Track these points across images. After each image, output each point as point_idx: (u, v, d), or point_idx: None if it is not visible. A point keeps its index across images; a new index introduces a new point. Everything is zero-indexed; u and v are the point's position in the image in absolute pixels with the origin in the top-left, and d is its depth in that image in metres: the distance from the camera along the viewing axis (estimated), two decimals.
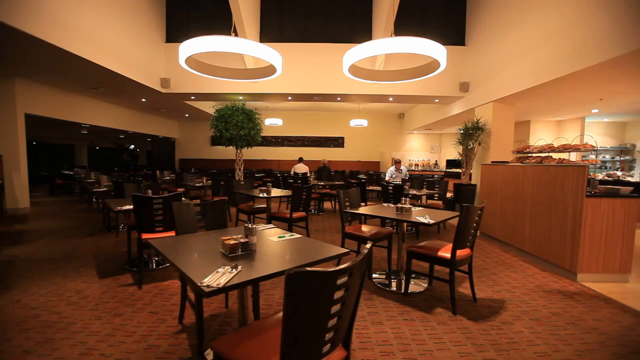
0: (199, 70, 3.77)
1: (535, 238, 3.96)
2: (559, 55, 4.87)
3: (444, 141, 14.28)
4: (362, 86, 7.52)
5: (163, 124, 13.02)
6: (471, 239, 2.74)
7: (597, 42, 4.22)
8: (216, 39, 2.94)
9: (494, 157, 6.65)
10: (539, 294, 3.03)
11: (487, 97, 6.85)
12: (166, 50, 7.74)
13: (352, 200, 3.72)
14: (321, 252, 1.79)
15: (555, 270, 3.64)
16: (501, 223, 4.71)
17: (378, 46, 3.09)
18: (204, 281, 1.30)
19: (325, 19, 8.01)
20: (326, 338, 1.12)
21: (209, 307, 2.65)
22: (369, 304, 2.77)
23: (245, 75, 4.23)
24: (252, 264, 1.58)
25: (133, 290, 2.95)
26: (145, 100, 8.98)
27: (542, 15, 5.30)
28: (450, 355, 2.05)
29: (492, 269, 3.72)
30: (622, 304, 2.83)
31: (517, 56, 5.90)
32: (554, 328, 2.41)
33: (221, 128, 7.63)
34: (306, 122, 14.02)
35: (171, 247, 1.88)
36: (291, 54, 7.49)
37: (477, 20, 7.42)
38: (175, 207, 2.41)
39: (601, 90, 5.99)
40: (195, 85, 7.79)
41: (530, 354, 2.08)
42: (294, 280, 0.96)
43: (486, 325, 2.43)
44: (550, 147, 5.02)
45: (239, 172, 8.26)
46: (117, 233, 5.10)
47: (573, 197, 3.40)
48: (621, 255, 3.32)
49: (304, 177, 7.87)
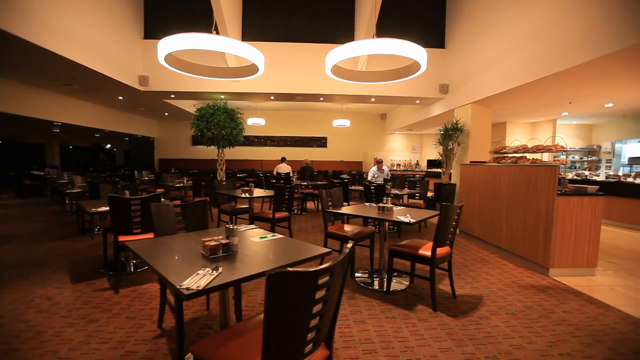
0: (178, 68, 3.68)
1: (511, 235, 4.12)
2: (532, 59, 5.09)
3: (424, 141, 14.59)
4: (344, 86, 7.58)
5: (141, 123, 12.63)
6: (451, 237, 2.81)
7: (566, 48, 4.45)
8: (197, 37, 2.88)
9: (473, 157, 6.86)
10: (514, 289, 3.15)
11: (466, 99, 7.06)
12: (144, 46, 7.51)
13: (334, 200, 3.74)
14: (303, 252, 1.79)
15: (529, 266, 3.79)
16: (479, 221, 4.86)
17: (360, 47, 3.12)
18: (183, 283, 1.27)
19: (308, 19, 8.01)
20: (308, 338, 1.13)
21: (190, 310, 2.59)
22: (352, 302, 2.79)
23: (227, 74, 4.17)
24: (233, 265, 1.56)
25: (109, 295, 2.85)
26: (122, 98, 8.68)
27: (517, 22, 5.52)
28: (430, 351, 2.10)
29: (470, 265, 3.83)
30: (589, 296, 2.98)
31: (494, 60, 6.12)
32: (527, 321, 2.51)
33: (202, 127, 7.48)
34: (289, 122, 13.97)
35: (149, 249, 1.83)
36: (274, 53, 7.44)
37: (456, 24, 7.63)
38: (154, 208, 2.34)
39: (570, 94, 6.31)
40: (175, 84, 7.61)
41: (506, 347, 2.15)
42: (274, 281, 0.95)
43: (465, 321, 2.50)
44: (525, 148, 5.23)
45: (220, 172, 8.13)
46: (92, 236, 4.90)
47: (545, 196, 3.56)
48: (588, 250, 3.50)
49: (286, 177, 7.83)
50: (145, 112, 11.56)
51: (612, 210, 6.37)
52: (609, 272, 3.66)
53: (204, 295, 1.31)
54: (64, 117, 8.71)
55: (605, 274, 3.60)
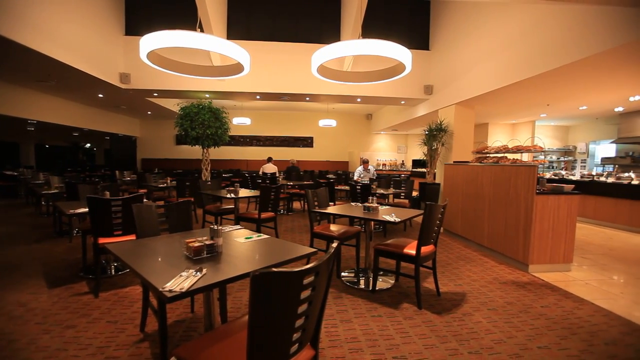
0: (161, 66, 3.60)
1: (493, 233, 4.23)
2: (512, 63, 5.26)
3: (410, 142, 14.80)
4: (330, 87, 7.60)
5: (123, 122, 12.28)
6: (435, 236, 2.86)
7: (542, 53, 4.64)
8: (180, 34, 2.83)
9: (456, 157, 7.01)
10: (496, 285, 3.24)
11: (450, 100, 7.21)
12: (125, 43, 7.30)
13: (320, 200, 3.74)
14: (289, 252, 1.78)
15: (510, 263, 3.91)
16: (463, 220, 4.97)
17: (346, 47, 3.13)
18: (166, 286, 1.25)
19: (294, 18, 7.99)
20: (294, 338, 1.12)
21: (174, 312, 2.54)
22: (338, 302, 2.80)
23: (212, 72, 4.11)
24: (217, 267, 1.54)
25: (88, 300, 2.75)
26: (102, 96, 8.41)
27: (496, 27, 5.69)
28: (415, 348, 2.13)
29: (454, 263, 3.91)
30: (565, 291, 3.10)
31: (476, 62, 6.27)
32: (508, 316, 2.59)
33: (186, 127, 7.35)
34: (275, 122, 13.90)
35: (131, 251, 1.78)
36: (259, 52, 7.39)
37: (440, 26, 7.77)
38: (136, 209, 2.29)
39: (548, 96, 6.54)
40: (158, 82, 7.43)
41: (488, 342, 2.21)
42: (259, 282, 0.94)
43: (449, 318, 2.55)
44: (505, 148, 5.38)
45: (205, 172, 8.00)
46: (70, 238, 4.73)
47: (525, 195, 3.67)
48: (564, 247, 3.64)
49: (272, 177, 7.79)
50: (127, 111, 11.26)
51: (586, 208, 6.64)
52: (583, 268, 3.82)
53: (188, 297, 1.29)
54: (39, 115, 8.37)
55: (580, 269, 3.75)
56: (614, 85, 5.60)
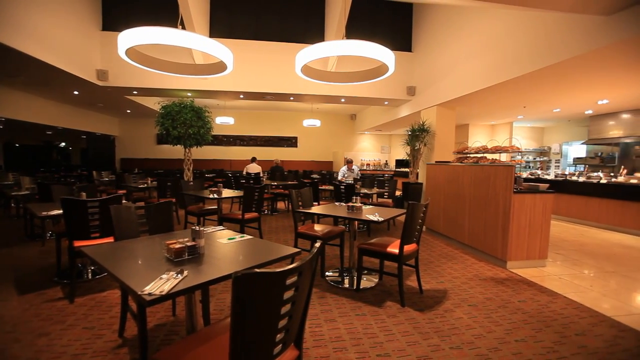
0: (141, 63, 3.50)
1: (473, 231, 4.35)
2: (491, 65, 5.42)
3: (393, 142, 15.01)
4: (314, 86, 7.60)
5: (101, 120, 11.85)
6: (417, 235, 2.91)
7: (518, 57, 4.82)
8: (161, 31, 2.76)
9: (438, 157, 7.16)
10: (476, 282, 3.33)
11: (432, 101, 7.36)
12: (102, 39, 7.05)
13: (304, 199, 3.74)
14: (272, 253, 1.78)
15: (489, 260, 4.03)
16: (444, 218, 5.09)
17: (330, 48, 3.14)
18: (145, 289, 1.21)
19: (278, 17, 7.95)
20: (277, 339, 1.12)
21: (154, 316, 2.48)
22: (323, 301, 2.81)
23: (194, 70, 4.03)
24: (199, 268, 1.51)
25: (63, 305, 2.64)
26: (77, 93, 8.09)
27: (476, 31, 5.86)
28: (399, 345, 2.16)
29: (436, 261, 4.00)
30: (540, 286, 3.23)
31: (457, 64, 6.43)
32: (488, 312, 2.67)
33: (168, 126, 7.16)
34: (259, 122, 13.78)
35: (108, 254, 1.72)
36: (243, 51, 7.31)
37: (422, 29, 7.92)
38: (114, 211, 2.22)
39: (524, 99, 6.79)
40: (138, 79, 7.22)
41: (469, 337, 2.27)
42: (241, 283, 0.94)
43: (431, 315, 2.60)
44: (485, 149, 5.55)
45: (187, 172, 7.84)
46: (43, 242, 4.52)
47: (503, 194, 3.80)
48: (540, 243, 3.79)
49: (256, 177, 7.72)
50: (105, 109, 10.87)
51: (559, 206, 6.94)
52: (557, 263, 3.99)
53: (169, 300, 1.26)
54: (8, 112, 7.94)
55: (554, 265, 3.91)
56: (584, 89, 5.88)
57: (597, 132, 9.25)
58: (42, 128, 11.44)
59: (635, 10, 3.36)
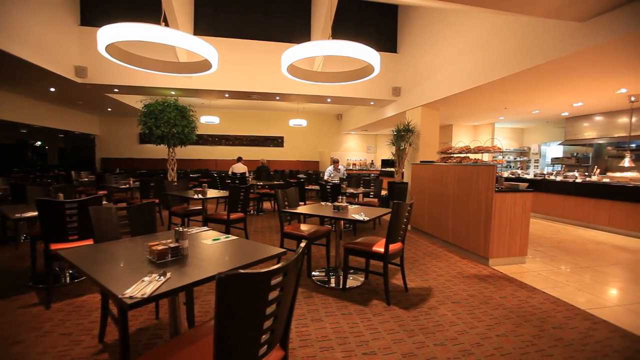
0: (123, 60, 3.39)
1: (457, 230, 4.44)
2: (473, 68, 5.56)
3: (379, 142, 15.15)
4: (301, 86, 7.58)
5: (79, 118, 11.44)
6: (402, 234, 2.95)
7: (499, 59, 4.96)
8: (144, 27, 2.67)
9: (423, 157, 7.28)
10: (460, 279, 3.41)
11: (416, 102, 7.47)
12: (81, 34, 6.81)
13: (290, 199, 3.73)
14: (258, 253, 1.76)
15: (472, 258, 4.12)
16: (429, 217, 5.18)
17: (316, 47, 3.14)
18: (126, 292, 1.18)
19: (264, 16, 7.89)
20: (262, 340, 1.11)
21: (137, 320, 2.42)
22: (309, 301, 2.81)
23: (178, 69, 3.94)
24: (183, 270, 1.48)
25: (39, 311, 2.54)
26: (54, 90, 7.78)
27: (459, 34, 5.99)
28: (384, 343, 2.19)
29: (421, 260, 4.06)
30: (520, 282, 3.33)
31: (441, 66, 6.56)
32: (470, 308, 2.73)
33: (151, 125, 6.99)
34: (245, 121, 13.64)
35: (87, 257, 1.67)
36: (228, 49, 7.22)
37: (407, 30, 8.03)
38: (93, 212, 2.15)
39: (505, 100, 6.99)
40: (119, 77, 7.01)
41: (452, 333, 2.32)
42: (225, 284, 0.93)
43: (416, 312, 2.64)
44: (468, 149, 5.67)
45: (171, 172, 7.68)
46: (16, 245, 4.33)
47: (485, 193, 3.90)
48: (520, 241, 3.91)
49: (242, 177, 7.64)
50: (84, 107, 10.50)
51: (538, 204, 7.18)
52: (536, 260, 4.12)
53: (151, 303, 1.23)
54: None
55: (534, 261, 4.04)
56: (560, 92, 6.11)
57: (572, 133, 9.62)
58: (15, 126, 10.97)
59: (605, 17, 3.52)
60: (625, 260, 4.18)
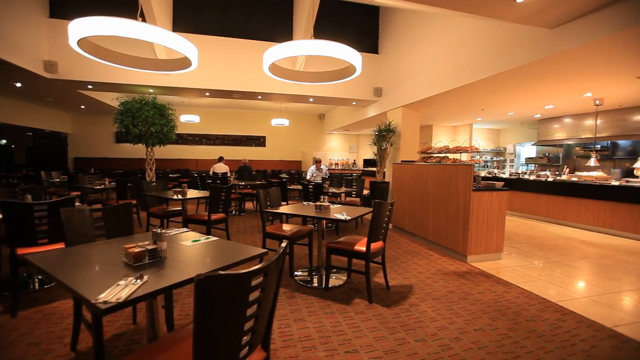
0: (97, 56, 3.26)
1: (437, 228, 4.55)
2: (452, 70, 5.71)
3: (361, 141, 15.29)
4: (283, 86, 7.55)
5: (50, 116, 10.89)
6: (384, 233, 3.00)
7: (477, 62, 5.13)
8: (119, 22, 2.57)
9: (404, 157, 7.41)
10: (440, 276, 3.49)
11: (397, 102, 7.59)
12: (51, 27, 6.49)
13: (272, 199, 3.70)
14: (239, 254, 1.74)
15: (451, 255, 4.24)
16: (410, 216, 5.28)
17: (299, 47, 3.14)
18: (100, 297, 1.14)
19: (246, 14, 7.79)
20: (243, 341, 1.10)
21: (113, 325, 2.33)
22: (292, 301, 2.80)
23: (156, 66, 3.83)
24: (161, 272, 1.44)
25: (3, 321, 2.40)
26: (20, 85, 7.37)
27: (438, 37, 6.14)
28: (367, 341, 2.21)
29: (402, 258, 4.14)
30: (497, 277, 3.45)
31: (421, 67, 6.69)
32: (450, 304, 2.81)
33: (128, 123, 6.74)
34: (226, 120, 13.43)
35: (58, 261, 1.59)
36: (209, 47, 7.08)
37: (388, 32, 8.15)
38: (65, 214, 2.05)
39: (482, 102, 7.22)
40: (93, 73, 6.73)
41: (432, 329, 2.38)
42: (204, 286, 0.91)
43: (397, 309, 2.69)
44: (447, 149, 5.82)
45: (150, 172, 7.45)
46: None
47: (463, 192, 4.01)
48: (496, 237, 4.05)
49: (223, 177, 7.52)
50: (55, 104, 10.02)
51: (513, 202, 7.47)
52: (512, 256, 4.29)
53: (127, 307, 1.19)
54: None
55: (509, 257, 4.20)
56: (533, 95, 6.39)
57: (545, 134, 10.08)
58: None
59: (573, 25, 3.71)
60: (592, 254, 4.42)
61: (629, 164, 7.75)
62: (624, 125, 7.96)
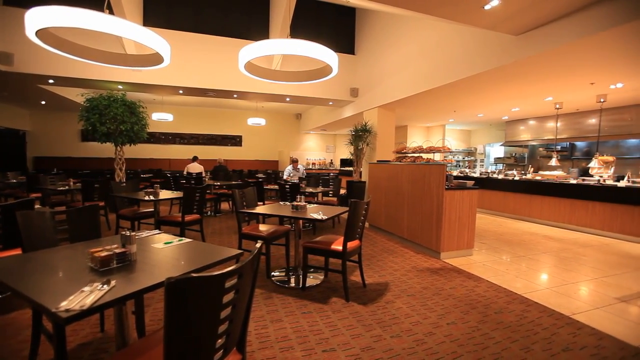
0: (59, 48, 3.06)
1: (411, 226, 4.67)
2: (425, 72, 5.89)
3: (338, 141, 15.41)
4: (259, 85, 7.46)
5: (5, 112, 10.12)
6: (360, 231, 3.03)
7: (448, 66, 5.32)
8: (83, 13, 2.42)
9: (379, 157, 7.54)
10: (414, 273, 3.59)
11: (373, 103, 7.71)
12: (5, 15, 6.02)
13: (248, 199, 3.65)
14: (213, 256, 1.70)
15: (426, 252, 4.36)
16: (385, 215, 5.38)
17: (275, 46, 3.11)
18: (61, 305, 1.07)
19: (220, 10, 7.61)
20: (217, 344, 1.08)
21: (78, 335, 2.20)
22: (269, 302, 2.77)
23: (125, 61, 3.66)
24: (130, 277, 1.38)
25: None
26: None
27: (412, 39, 6.31)
28: (344, 339, 2.23)
29: (378, 256, 4.21)
30: (468, 273, 3.60)
31: (396, 69, 6.84)
32: (424, 300, 2.89)
33: (94, 121, 6.40)
34: (201, 119, 13.08)
35: (13, 268, 1.48)
36: (182, 43, 6.87)
37: (364, 33, 8.26)
38: (21, 218, 1.92)
39: (454, 104, 7.50)
40: (55, 66, 6.32)
41: (407, 325, 2.44)
42: (174, 289, 0.88)
43: (374, 307, 2.73)
44: (421, 149, 5.98)
45: (119, 172, 7.12)
46: None
47: (436, 190, 4.14)
48: (467, 234, 4.22)
49: (198, 177, 7.32)
50: (12, 99, 9.32)
51: (483, 200, 7.81)
52: (482, 251, 4.48)
53: (93, 314, 1.13)
54: None
55: (480, 253, 4.39)
56: (500, 98, 6.71)
57: (512, 135, 10.61)
58: None
59: (535, 33, 3.94)
60: (553, 248, 4.70)
61: (585, 164, 8.33)
62: (580, 127, 8.55)
